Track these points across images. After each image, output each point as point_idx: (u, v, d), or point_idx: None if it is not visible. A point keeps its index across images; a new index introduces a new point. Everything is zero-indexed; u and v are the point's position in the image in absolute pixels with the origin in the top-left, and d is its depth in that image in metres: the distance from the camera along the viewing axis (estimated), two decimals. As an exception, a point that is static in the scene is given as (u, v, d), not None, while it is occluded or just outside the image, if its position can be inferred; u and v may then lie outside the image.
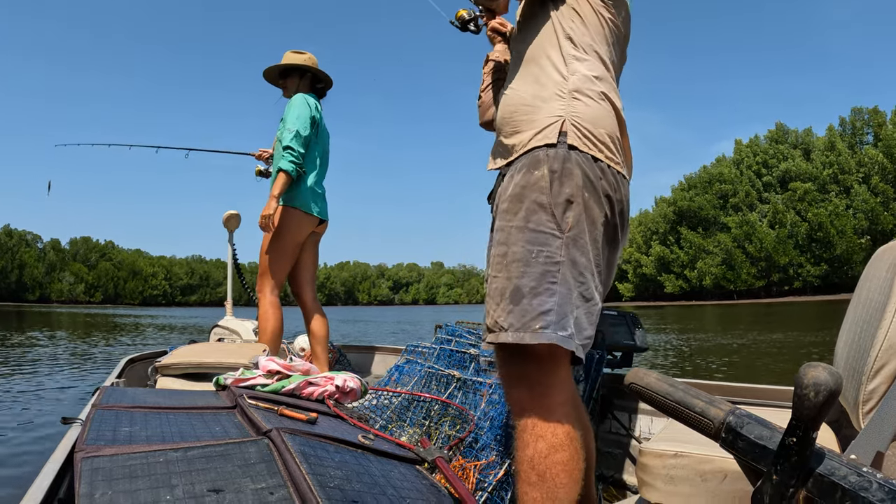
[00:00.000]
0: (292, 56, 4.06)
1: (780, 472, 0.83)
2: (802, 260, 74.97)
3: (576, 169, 1.61)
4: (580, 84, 1.70)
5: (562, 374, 1.59)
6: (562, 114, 1.67)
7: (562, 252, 1.57)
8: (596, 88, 1.71)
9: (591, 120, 1.67)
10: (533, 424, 1.54)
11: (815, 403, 0.78)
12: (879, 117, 74.81)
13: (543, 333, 1.51)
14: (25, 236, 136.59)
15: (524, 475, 1.53)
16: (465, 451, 2.20)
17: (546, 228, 1.58)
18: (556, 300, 1.54)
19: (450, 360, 2.84)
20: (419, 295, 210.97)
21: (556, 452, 1.51)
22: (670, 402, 0.99)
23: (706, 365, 9.03)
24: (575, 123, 1.65)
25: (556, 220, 1.58)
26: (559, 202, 1.59)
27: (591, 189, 1.62)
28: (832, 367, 0.79)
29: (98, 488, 1.20)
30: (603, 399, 2.88)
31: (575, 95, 1.69)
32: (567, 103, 1.68)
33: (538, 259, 1.56)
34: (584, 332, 1.58)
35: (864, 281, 1.79)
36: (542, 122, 1.68)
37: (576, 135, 1.64)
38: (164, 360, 2.92)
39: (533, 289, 1.55)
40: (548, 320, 1.52)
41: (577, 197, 1.59)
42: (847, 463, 0.82)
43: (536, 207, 1.60)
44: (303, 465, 1.36)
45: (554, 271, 1.55)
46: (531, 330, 1.52)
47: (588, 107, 1.68)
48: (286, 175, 3.68)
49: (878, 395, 1.35)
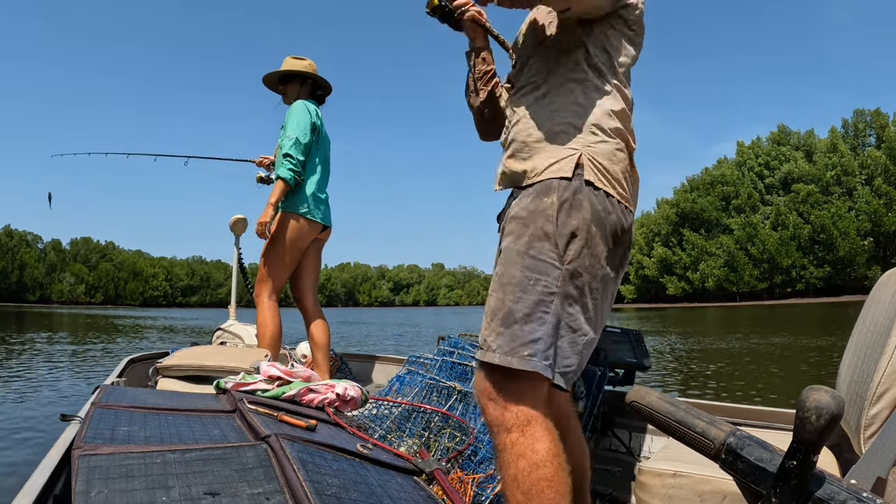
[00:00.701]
0: (293, 62, 4.07)
1: (780, 495, 0.83)
2: (805, 262, 74.70)
3: (585, 202, 1.60)
4: (600, 119, 1.70)
5: (537, 392, 1.58)
6: (578, 147, 1.66)
7: (558, 283, 1.57)
8: (614, 124, 1.71)
9: (607, 156, 1.67)
10: (511, 443, 1.53)
11: (817, 427, 0.77)
12: (882, 119, 74.86)
13: (530, 361, 1.53)
14: (26, 237, 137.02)
15: (510, 494, 1.52)
16: (463, 464, 2.19)
17: (547, 258, 1.59)
18: (545, 329, 1.55)
19: (451, 371, 2.83)
20: (420, 296, 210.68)
21: (538, 469, 1.50)
22: (671, 421, 0.98)
23: (706, 371, 8.98)
24: (591, 158, 1.65)
25: (557, 251, 1.59)
26: (564, 233, 1.59)
27: (599, 223, 1.62)
28: (834, 390, 0.79)
29: (94, 486, 1.20)
30: (604, 416, 2.87)
31: (593, 130, 1.68)
32: (584, 137, 1.68)
33: (535, 287, 1.57)
34: (564, 360, 1.58)
35: (869, 305, 1.78)
36: (557, 154, 1.67)
37: (592, 170, 1.64)
38: (166, 361, 2.93)
39: (526, 316, 1.56)
40: (535, 349, 1.53)
41: (581, 231, 1.60)
42: (847, 487, 0.81)
43: (541, 235, 1.60)
44: (300, 471, 1.36)
45: (548, 301, 1.56)
46: (519, 356, 1.53)
47: (605, 143, 1.68)
48: (284, 183, 3.69)
49: (879, 421, 1.35)
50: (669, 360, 10.86)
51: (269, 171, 4.83)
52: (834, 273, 72.70)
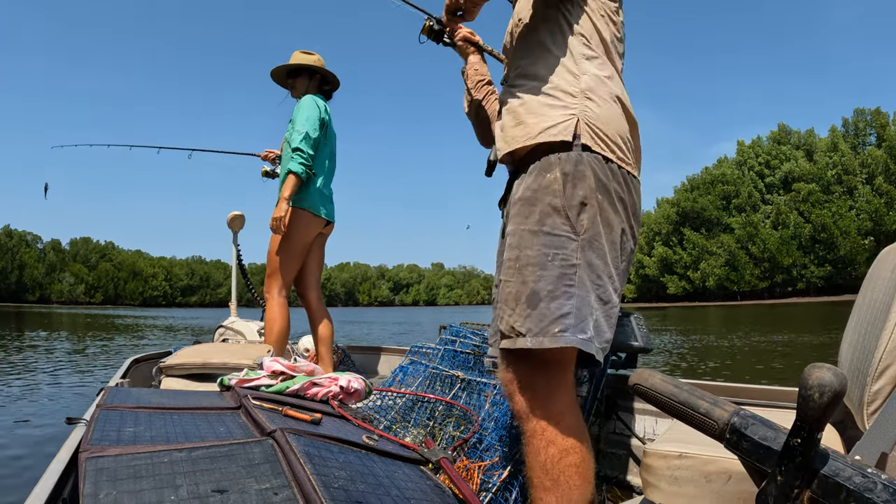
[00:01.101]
0: (301, 56, 4.06)
1: (785, 473, 0.83)
2: (806, 261, 74.79)
3: (588, 171, 1.59)
4: (592, 84, 1.69)
5: (568, 378, 1.58)
6: (575, 112, 1.65)
7: (578, 255, 1.55)
8: (607, 89, 1.70)
9: (603, 120, 1.65)
10: (542, 429, 1.53)
11: (820, 404, 0.77)
12: (882, 118, 74.72)
13: (563, 337, 1.50)
14: (25, 237, 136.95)
15: (538, 481, 1.52)
16: (469, 452, 2.20)
17: (561, 231, 1.56)
18: (574, 303, 1.52)
19: (454, 360, 2.84)
20: (419, 296, 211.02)
21: (567, 456, 1.51)
22: (674, 402, 0.99)
23: (708, 367, 9.01)
24: (588, 123, 1.63)
25: (570, 223, 1.56)
26: (573, 204, 1.57)
27: (604, 191, 1.60)
28: (837, 368, 0.79)
29: (102, 488, 1.20)
30: (607, 400, 2.88)
31: (588, 95, 1.67)
32: (580, 102, 1.66)
33: (554, 262, 1.54)
34: (603, 335, 1.56)
35: (869, 282, 1.79)
36: (553, 118, 1.66)
37: (589, 134, 1.62)
38: (169, 360, 2.93)
39: (550, 292, 1.53)
40: (566, 323, 1.50)
41: (590, 199, 1.58)
42: (852, 464, 0.82)
43: (550, 210, 1.58)
44: (307, 465, 1.36)
45: (571, 274, 1.53)
46: (550, 334, 1.50)
47: (600, 107, 1.67)
48: (296, 177, 3.68)
49: (882, 396, 1.35)
50: (671, 356, 10.87)
51: (275, 165, 4.83)
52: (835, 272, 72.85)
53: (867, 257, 67.41)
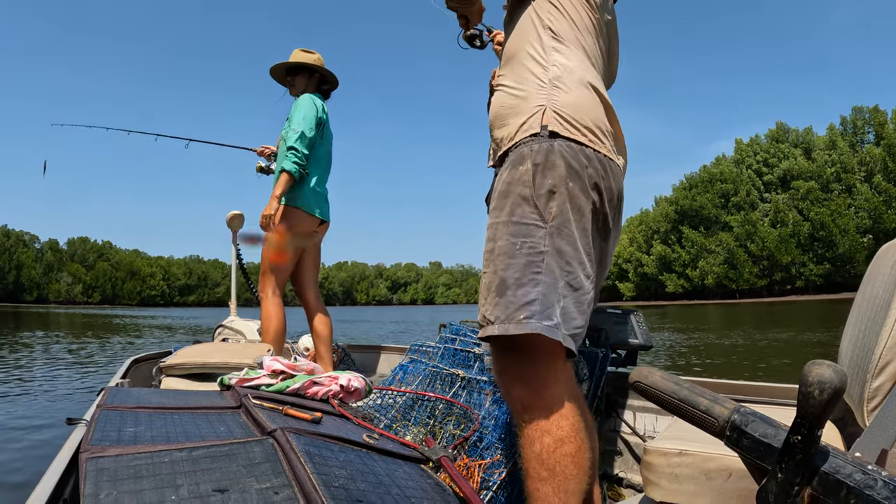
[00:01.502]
0: (302, 55, 4.05)
1: (785, 470, 0.83)
2: (805, 259, 74.84)
3: (559, 160, 1.60)
4: (560, 72, 1.71)
5: (558, 366, 1.58)
6: (543, 103, 1.67)
7: (545, 242, 1.56)
8: (576, 76, 1.71)
9: (572, 106, 1.66)
10: (536, 420, 1.53)
11: (820, 401, 0.78)
12: (880, 116, 74.76)
13: (528, 323, 1.50)
14: (23, 236, 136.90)
15: (533, 472, 1.52)
16: (469, 451, 2.20)
17: (529, 220, 1.57)
18: (540, 290, 1.53)
19: (454, 359, 2.84)
20: (417, 295, 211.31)
21: (563, 445, 1.51)
22: (675, 400, 0.99)
23: (707, 365, 9.02)
24: (556, 111, 1.65)
25: (538, 211, 1.57)
26: (541, 193, 1.58)
27: (576, 177, 1.60)
28: (837, 364, 0.79)
29: (103, 488, 1.20)
30: (607, 397, 2.88)
31: (555, 84, 1.69)
32: (547, 92, 1.68)
33: (521, 250, 1.56)
34: (572, 321, 1.56)
35: (869, 278, 1.79)
36: (526, 113, 1.69)
37: (557, 121, 1.64)
38: (169, 360, 2.93)
39: (517, 280, 1.54)
40: (532, 310, 1.51)
41: (559, 186, 1.58)
42: (852, 461, 0.82)
43: (520, 200, 1.59)
44: (307, 464, 1.37)
45: (538, 261, 1.55)
46: (515, 321, 1.51)
47: (568, 94, 1.68)
48: (289, 176, 3.68)
49: (882, 393, 1.35)
50: (671, 355, 10.88)
51: (270, 161, 4.81)
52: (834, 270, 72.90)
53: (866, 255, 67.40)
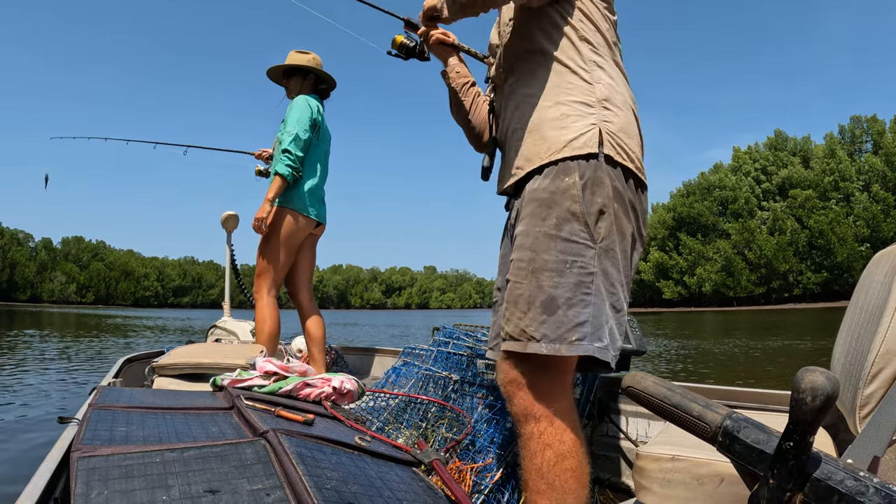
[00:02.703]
0: (296, 56, 4.03)
1: (777, 476, 0.83)
2: (803, 267, 74.87)
3: (606, 178, 1.59)
4: (607, 92, 1.68)
5: (567, 382, 1.59)
6: (595, 122, 1.63)
7: (595, 263, 1.56)
8: (620, 97, 1.70)
9: (622, 130, 1.65)
10: (540, 433, 1.53)
11: (812, 408, 0.78)
12: (878, 126, 75.00)
13: (580, 345, 1.51)
14: (17, 235, 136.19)
15: (533, 484, 1.52)
16: (461, 454, 2.20)
17: (579, 238, 1.56)
18: (590, 311, 1.53)
19: (447, 362, 2.84)
20: (412, 299, 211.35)
21: (564, 460, 1.51)
22: (667, 405, 0.99)
23: (702, 372, 9.03)
24: (610, 133, 1.63)
25: (589, 230, 1.57)
26: (592, 212, 1.57)
27: (620, 199, 1.61)
28: (829, 371, 0.79)
29: (94, 488, 1.19)
30: (600, 402, 2.88)
31: (605, 105, 1.66)
32: (598, 111, 1.65)
33: (572, 269, 1.55)
34: (616, 342, 1.58)
35: (862, 285, 1.79)
36: (575, 130, 1.64)
37: (611, 144, 1.62)
38: (162, 360, 2.92)
39: (568, 300, 1.53)
40: (584, 332, 1.52)
41: (608, 207, 1.58)
42: (844, 467, 0.82)
43: (569, 216, 1.57)
44: (299, 466, 1.36)
45: (588, 282, 1.54)
46: (567, 342, 1.51)
47: (618, 116, 1.66)
48: (282, 179, 3.67)
49: (875, 400, 1.35)
50: (667, 361, 10.89)
51: (268, 165, 4.81)
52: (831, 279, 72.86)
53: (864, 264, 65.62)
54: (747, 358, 11.13)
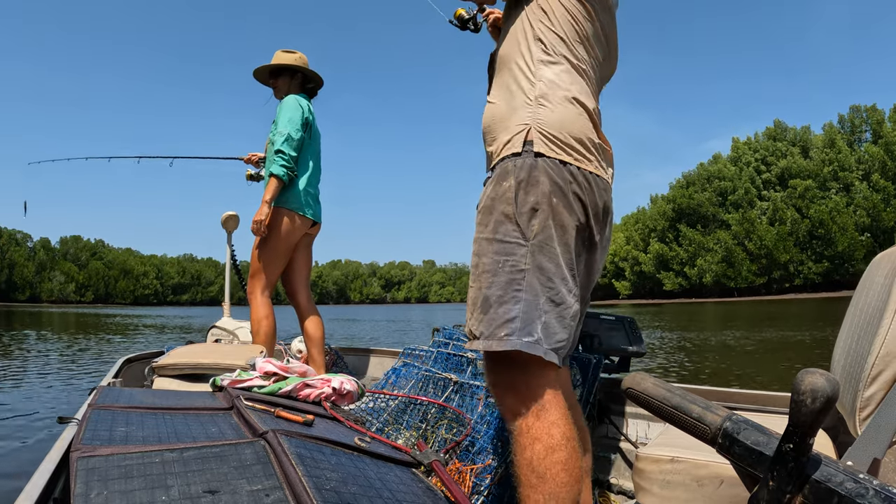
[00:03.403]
0: (283, 56, 4.02)
1: (777, 478, 0.83)
2: (803, 257, 74.76)
3: (542, 176, 1.61)
4: (546, 89, 1.70)
5: (549, 375, 1.60)
6: (528, 121, 1.68)
7: (527, 259, 1.59)
8: (562, 92, 1.70)
9: (556, 125, 1.67)
10: (527, 427, 1.55)
11: (812, 410, 0.78)
12: (878, 115, 75.03)
13: (508, 341, 1.55)
14: (15, 235, 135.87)
15: (524, 479, 1.54)
16: (461, 455, 2.20)
17: (511, 238, 1.61)
18: (520, 307, 1.57)
19: (447, 363, 2.84)
20: (411, 293, 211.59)
21: (553, 453, 1.52)
22: (667, 407, 0.99)
23: (704, 364, 9.01)
24: (540, 130, 1.66)
25: (520, 229, 1.61)
26: (524, 211, 1.61)
27: (560, 194, 1.62)
28: (829, 373, 0.79)
29: (93, 488, 1.19)
30: (600, 404, 2.87)
31: (540, 102, 1.69)
32: (533, 110, 1.69)
33: (504, 269, 1.60)
34: (554, 335, 1.59)
35: (862, 287, 1.79)
36: (511, 131, 1.70)
37: (542, 141, 1.64)
38: (161, 360, 2.92)
39: (499, 297, 1.59)
40: (512, 328, 1.56)
41: (542, 204, 1.60)
42: (844, 469, 0.82)
43: (503, 219, 1.63)
44: (299, 467, 1.36)
45: (519, 279, 1.59)
46: (497, 338, 1.56)
47: (553, 112, 1.68)
48: (278, 180, 3.66)
49: (875, 402, 1.35)
50: (667, 354, 10.88)
51: (259, 168, 4.80)
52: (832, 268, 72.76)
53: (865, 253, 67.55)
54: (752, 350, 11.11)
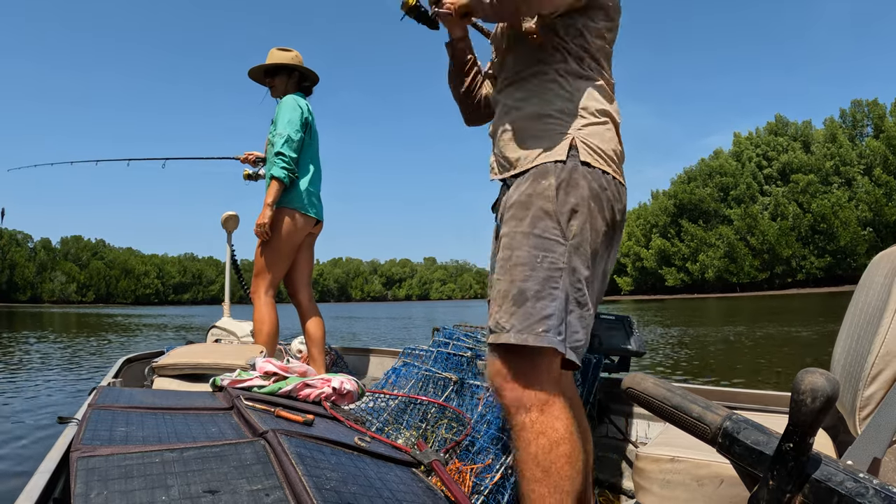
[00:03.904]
0: (278, 54, 4.00)
1: (777, 478, 0.83)
2: (805, 252, 74.56)
3: (582, 180, 1.67)
4: (584, 103, 1.76)
5: (554, 370, 1.64)
6: (570, 132, 1.72)
7: (564, 259, 1.63)
8: (597, 106, 1.77)
9: (598, 136, 1.74)
10: (532, 422, 1.58)
11: (812, 409, 0.78)
12: (879, 109, 74.87)
13: (546, 337, 1.57)
14: (16, 236, 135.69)
15: (529, 473, 1.56)
16: (461, 455, 2.20)
17: (551, 235, 1.64)
18: (556, 305, 1.60)
19: (447, 362, 2.84)
20: (412, 291, 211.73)
21: (558, 446, 1.55)
22: (667, 406, 0.99)
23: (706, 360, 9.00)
24: (584, 141, 1.71)
25: (560, 228, 1.64)
26: (564, 210, 1.65)
27: (597, 199, 1.68)
28: (829, 373, 0.79)
29: (93, 488, 1.19)
30: (600, 403, 2.87)
31: (581, 114, 1.75)
32: (573, 121, 1.74)
33: (542, 264, 1.62)
34: (574, 335, 1.64)
35: (862, 287, 1.79)
36: (550, 140, 1.73)
37: (586, 152, 1.70)
38: (161, 360, 2.92)
39: (537, 292, 1.60)
40: (549, 324, 1.58)
41: (581, 206, 1.66)
42: (844, 469, 0.82)
43: (542, 214, 1.65)
44: (299, 466, 1.36)
45: (556, 277, 1.61)
46: (534, 332, 1.58)
47: (593, 125, 1.75)
48: (279, 182, 3.66)
49: (874, 402, 1.35)
50: (668, 350, 10.86)
51: (257, 167, 4.78)
52: (834, 263, 72.56)
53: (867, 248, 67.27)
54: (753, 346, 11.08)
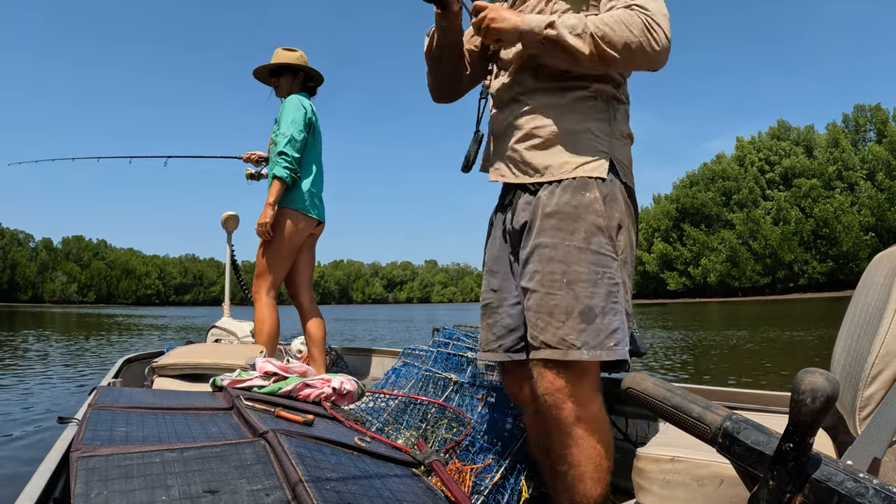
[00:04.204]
0: (284, 54, 3.99)
1: (777, 478, 0.83)
2: (808, 257, 74.41)
3: (619, 194, 1.76)
4: (622, 127, 1.85)
5: (597, 382, 1.77)
6: (607, 150, 1.79)
7: (618, 273, 1.72)
8: (628, 130, 1.89)
9: (627, 157, 1.85)
10: (592, 431, 1.70)
11: (812, 409, 0.78)
12: (882, 114, 74.73)
13: (617, 350, 1.67)
14: (17, 235, 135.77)
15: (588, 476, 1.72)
16: (461, 455, 2.20)
17: (606, 251, 1.71)
18: (620, 318, 1.69)
19: (447, 363, 2.84)
20: (413, 293, 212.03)
21: (609, 449, 1.74)
22: (667, 406, 0.99)
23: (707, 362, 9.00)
24: (619, 161, 1.80)
25: (612, 243, 1.72)
26: (613, 226, 1.73)
27: (630, 215, 1.79)
28: (829, 372, 0.79)
29: (93, 488, 1.19)
30: (600, 403, 2.87)
31: (618, 136, 1.83)
32: (612, 142, 1.81)
33: (603, 280, 1.69)
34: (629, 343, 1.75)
35: (862, 287, 1.79)
36: (590, 156, 1.78)
37: (623, 171, 1.80)
38: (161, 360, 2.92)
39: (603, 308, 1.67)
40: (618, 338, 1.68)
41: (624, 221, 1.76)
42: (844, 469, 0.82)
43: (595, 230, 1.71)
44: (299, 466, 1.36)
45: (615, 291, 1.70)
46: (606, 347, 1.66)
47: (626, 147, 1.86)
48: (281, 182, 3.66)
49: (875, 402, 1.35)
50: (671, 353, 10.86)
51: (259, 167, 4.78)
52: (837, 268, 72.40)
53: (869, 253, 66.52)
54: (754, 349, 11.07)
